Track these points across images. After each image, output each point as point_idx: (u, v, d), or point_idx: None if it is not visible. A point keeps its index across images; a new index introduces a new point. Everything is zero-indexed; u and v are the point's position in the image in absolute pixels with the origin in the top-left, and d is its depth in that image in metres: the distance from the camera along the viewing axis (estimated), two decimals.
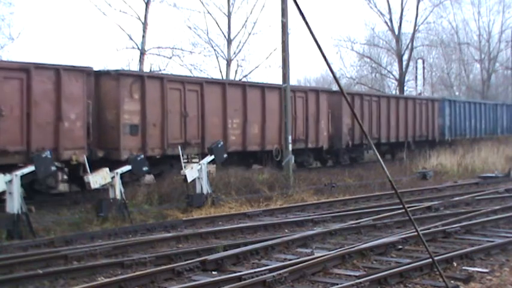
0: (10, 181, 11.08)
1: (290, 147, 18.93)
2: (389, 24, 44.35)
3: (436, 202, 14.61)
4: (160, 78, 17.47)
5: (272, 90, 21.18)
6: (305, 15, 5.13)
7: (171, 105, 17.30)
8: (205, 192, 14.40)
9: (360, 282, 7.12)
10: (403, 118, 29.23)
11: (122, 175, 13.05)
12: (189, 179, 14.10)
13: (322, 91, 24.60)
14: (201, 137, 18.26)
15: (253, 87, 20.96)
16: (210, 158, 14.96)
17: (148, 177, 18.01)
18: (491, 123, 38.99)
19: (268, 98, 20.80)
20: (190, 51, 32.96)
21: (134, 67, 29.98)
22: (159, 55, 31.81)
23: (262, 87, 20.99)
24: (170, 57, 31.73)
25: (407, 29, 45.91)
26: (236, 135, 19.59)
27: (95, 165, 13.37)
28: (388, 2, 43.64)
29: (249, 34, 33.56)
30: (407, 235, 9.83)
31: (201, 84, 18.52)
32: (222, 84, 19.60)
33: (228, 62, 33.46)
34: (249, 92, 20.19)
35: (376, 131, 27.45)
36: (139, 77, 16.82)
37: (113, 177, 12.77)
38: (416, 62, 45.03)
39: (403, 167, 24.11)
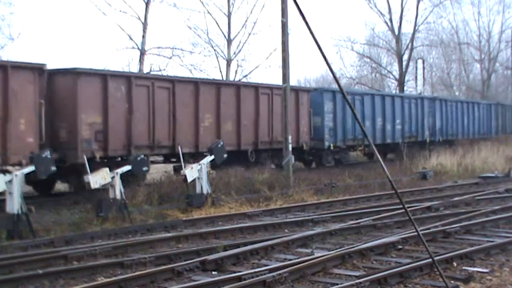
0: (10, 181, 11.09)
1: (290, 147, 18.93)
2: (389, 24, 44.39)
3: (436, 202, 14.60)
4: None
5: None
6: (305, 15, 5.13)
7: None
8: (205, 192, 14.40)
9: (360, 282, 7.12)
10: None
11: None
12: (189, 179, 14.10)
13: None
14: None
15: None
16: (210, 158, 14.96)
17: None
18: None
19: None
20: (190, 51, 32.98)
21: (134, 67, 30.02)
22: (159, 55, 31.83)
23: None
24: (170, 57, 31.75)
25: (407, 29, 45.96)
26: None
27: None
28: (388, 2, 43.69)
29: (249, 34, 33.59)
30: (407, 235, 9.82)
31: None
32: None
33: (228, 62, 33.46)
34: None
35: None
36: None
37: (112, 177, 12.78)
38: (416, 62, 45.04)
39: (403, 167, 24.11)
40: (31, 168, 11.70)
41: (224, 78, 31.84)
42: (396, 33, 44.25)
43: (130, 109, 16.26)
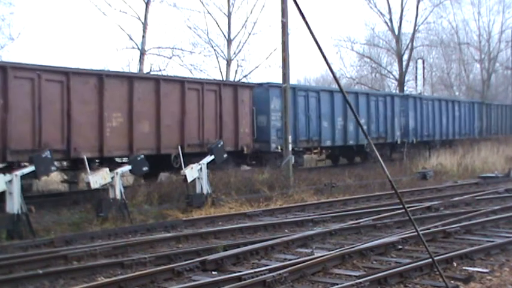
0: (10, 181, 11.09)
1: (290, 147, 18.94)
2: (389, 24, 44.34)
3: (436, 202, 14.61)
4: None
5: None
6: (305, 15, 5.13)
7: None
8: (205, 192, 14.41)
9: (360, 282, 7.12)
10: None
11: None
12: (189, 179, 14.11)
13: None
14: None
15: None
16: (209, 158, 14.96)
17: None
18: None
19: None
20: (190, 51, 32.90)
21: (134, 67, 29.98)
22: (159, 55, 31.75)
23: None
24: (170, 57, 31.68)
25: (407, 29, 45.96)
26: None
27: None
28: (388, 2, 43.63)
29: (249, 34, 33.52)
30: (407, 235, 9.82)
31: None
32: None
33: (228, 62, 33.43)
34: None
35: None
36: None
37: (112, 177, 12.79)
38: (416, 62, 44.98)
39: (403, 167, 24.11)
40: (31, 168, 11.70)
41: (224, 79, 31.77)
42: (396, 33, 44.23)
43: (5, 106, 13.53)
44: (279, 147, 20.91)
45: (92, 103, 15.32)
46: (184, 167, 14.43)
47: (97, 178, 12.54)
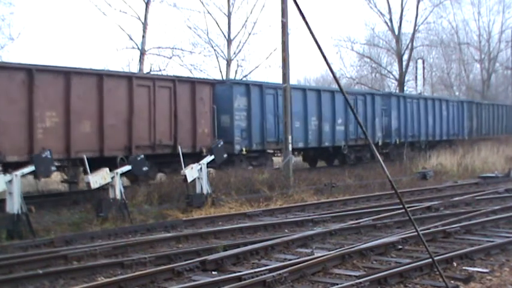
0: (10, 181, 11.10)
1: (290, 147, 18.91)
2: (389, 24, 44.39)
3: (436, 202, 14.60)
4: None
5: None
6: (305, 15, 5.13)
7: None
8: (205, 192, 14.41)
9: (360, 282, 7.12)
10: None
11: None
12: (189, 179, 14.11)
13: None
14: None
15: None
16: (209, 158, 14.96)
17: None
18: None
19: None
20: (190, 51, 32.96)
21: (134, 67, 29.98)
22: (159, 55, 31.78)
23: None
24: (170, 57, 31.72)
25: (407, 29, 46.03)
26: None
27: None
28: (388, 2, 43.69)
29: (249, 34, 33.56)
30: (407, 235, 9.82)
31: None
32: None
33: (228, 62, 33.46)
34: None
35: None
36: None
37: (112, 177, 12.79)
38: (416, 62, 45.00)
39: (403, 167, 24.11)
40: (31, 168, 11.71)
41: (224, 79, 31.76)
42: (396, 33, 44.26)
43: None
44: (244, 149, 19.86)
45: (20, 101, 13.96)
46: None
47: (97, 178, 12.55)
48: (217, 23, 33.32)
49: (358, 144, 25.72)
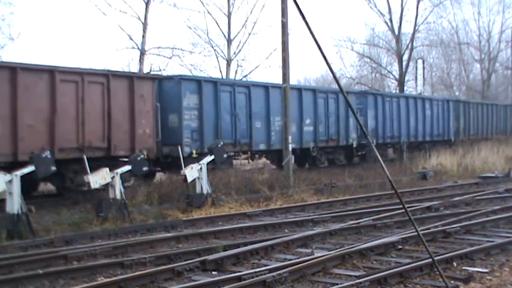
0: (10, 181, 11.10)
1: (290, 147, 18.92)
2: (389, 24, 44.41)
3: (436, 202, 14.60)
4: None
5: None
6: (305, 15, 5.13)
7: None
8: (205, 192, 14.41)
9: (360, 282, 7.11)
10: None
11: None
12: (189, 179, 14.10)
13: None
14: None
15: None
16: (209, 158, 14.95)
17: None
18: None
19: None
20: (190, 51, 33.01)
21: (134, 67, 29.98)
22: (159, 55, 31.83)
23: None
24: (170, 57, 31.78)
25: (407, 29, 46.03)
26: None
27: None
28: (388, 2, 43.73)
29: (249, 34, 33.61)
30: (407, 235, 9.82)
31: None
32: None
33: (228, 62, 33.48)
34: None
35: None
36: None
37: (112, 177, 12.79)
38: (416, 62, 45.01)
39: (403, 167, 24.12)
40: (31, 168, 11.71)
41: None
42: (396, 33, 44.28)
43: None
44: (194, 152, 17.91)
45: None
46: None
47: (97, 178, 12.55)
48: (217, 23, 33.38)
49: (330, 146, 24.10)
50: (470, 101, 38.18)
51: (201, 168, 14.37)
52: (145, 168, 14.05)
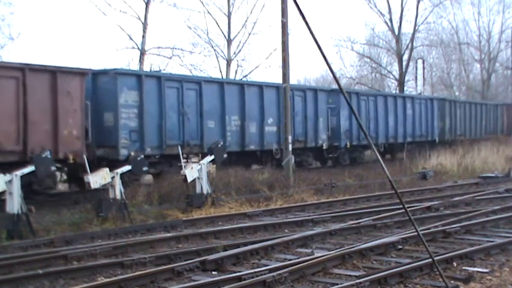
0: (10, 181, 11.09)
1: (290, 147, 18.93)
2: (389, 24, 44.39)
3: (436, 202, 14.60)
4: None
5: None
6: (305, 15, 5.13)
7: None
8: (205, 192, 14.41)
9: (360, 282, 7.12)
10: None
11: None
12: (189, 179, 14.10)
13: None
14: None
15: None
16: (210, 158, 14.96)
17: None
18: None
19: None
20: (190, 51, 33.01)
21: (134, 67, 29.98)
22: (159, 55, 31.83)
23: None
24: (170, 57, 31.78)
25: (407, 29, 45.96)
26: None
27: None
28: (388, 2, 43.70)
29: (249, 34, 33.61)
30: (407, 235, 9.82)
31: None
32: None
33: (228, 62, 33.48)
34: None
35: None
36: None
37: (113, 177, 12.79)
38: (416, 62, 45.00)
39: (403, 167, 24.12)
40: (31, 168, 11.71)
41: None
42: (396, 33, 44.27)
43: None
44: (133, 154, 15.16)
45: None
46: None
47: (97, 178, 12.55)
48: (217, 23, 33.37)
49: (296, 148, 21.83)
50: (457, 100, 37.07)
51: (201, 168, 14.37)
52: (145, 168, 14.06)
